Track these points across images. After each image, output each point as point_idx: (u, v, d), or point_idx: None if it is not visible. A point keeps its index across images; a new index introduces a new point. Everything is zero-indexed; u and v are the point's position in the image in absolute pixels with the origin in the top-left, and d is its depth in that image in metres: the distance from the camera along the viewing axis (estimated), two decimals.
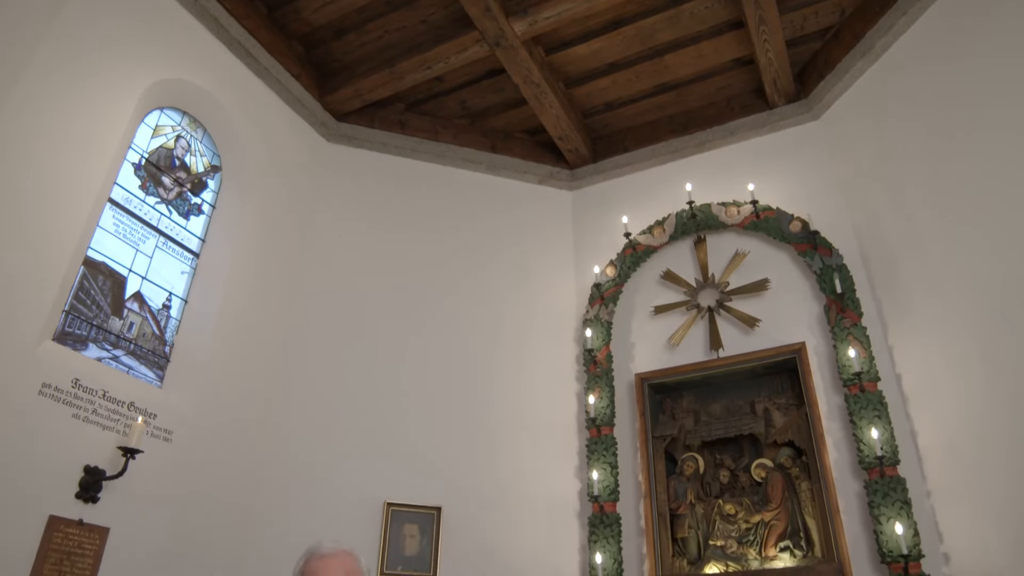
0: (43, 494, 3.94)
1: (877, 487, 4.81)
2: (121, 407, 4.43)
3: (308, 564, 1.88)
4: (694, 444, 5.81)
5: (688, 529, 5.54)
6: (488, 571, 5.53)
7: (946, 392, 4.79)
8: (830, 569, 4.85)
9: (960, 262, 4.81)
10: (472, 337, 6.41)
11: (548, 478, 6.02)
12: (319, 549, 1.90)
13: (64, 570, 3.95)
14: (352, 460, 5.65)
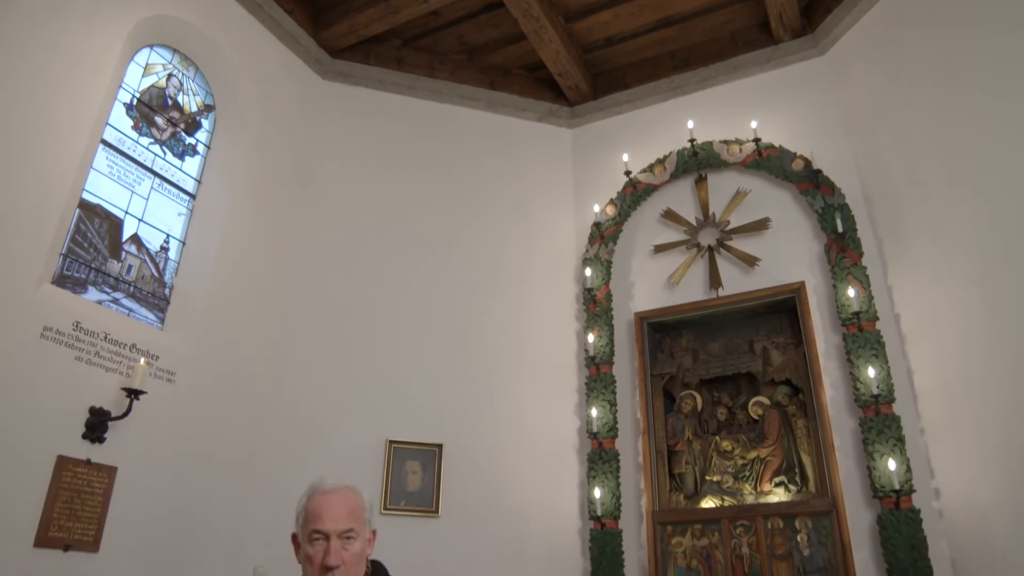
0: (50, 435, 4.00)
1: (872, 424, 4.88)
2: (123, 349, 4.46)
3: (311, 500, 1.91)
4: (692, 382, 5.87)
5: (685, 465, 5.64)
6: (489, 506, 5.66)
7: (944, 332, 4.81)
8: (823, 503, 4.96)
9: (963, 204, 4.77)
10: (472, 276, 6.41)
11: (548, 415, 6.11)
12: (322, 485, 1.93)
13: (75, 508, 4.03)
14: (354, 398, 5.71)
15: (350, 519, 1.88)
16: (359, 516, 1.91)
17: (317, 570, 1.82)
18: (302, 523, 1.90)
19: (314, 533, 1.85)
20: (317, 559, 1.82)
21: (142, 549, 4.38)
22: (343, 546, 1.84)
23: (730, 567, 5.08)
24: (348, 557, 1.84)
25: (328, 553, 1.82)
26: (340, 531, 1.85)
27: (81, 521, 4.06)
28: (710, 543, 5.21)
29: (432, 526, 5.52)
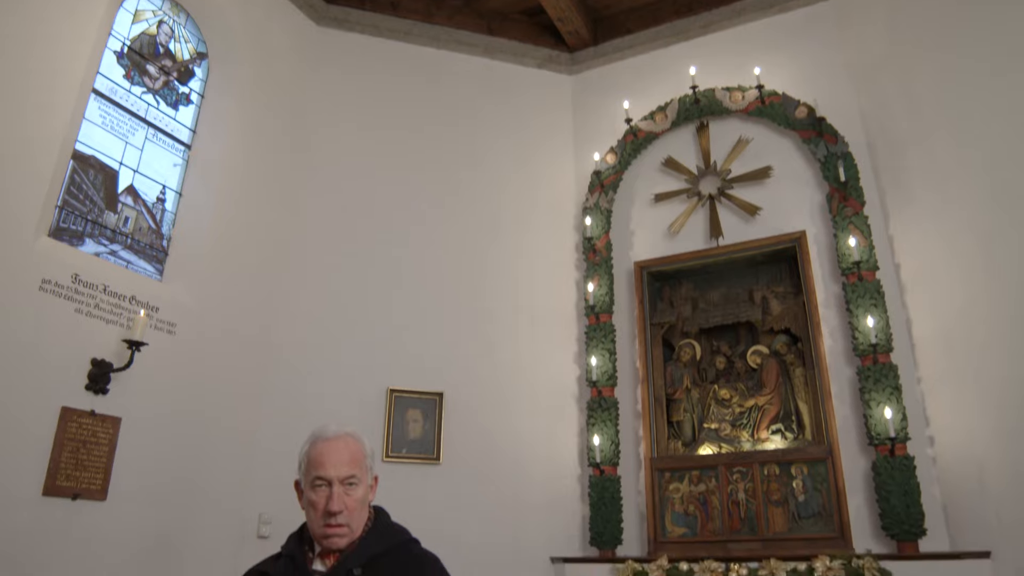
0: (54, 387, 4.03)
1: (869, 373, 4.92)
2: (122, 301, 4.46)
3: (313, 447, 1.92)
4: (692, 331, 5.90)
5: (683, 413, 5.71)
6: (490, 453, 5.74)
7: (943, 282, 4.81)
8: (819, 450, 5.02)
9: (967, 155, 4.72)
10: (471, 225, 6.38)
11: (548, 364, 6.15)
12: (324, 432, 1.94)
13: (81, 458, 4.09)
14: (355, 348, 5.74)
15: (352, 465, 1.90)
16: (361, 462, 1.93)
17: (320, 515, 1.84)
18: (304, 470, 1.92)
19: (317, 480, 1.87)
20: (320, 505, 1.85)
21: (149, 497, 4.45)
22: (345, 492, 1.86)
23: (726, 512, 5.17)
24: (351, 503, 1.86)
25: (331, 499, 1.84)
26: (342, 477, 1.87)
27: (88, 470, 4.12)
28: (707, 489, 5.30)
29: (433, 473, 5.61)
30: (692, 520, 5.28)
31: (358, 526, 1.90)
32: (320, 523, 1.85)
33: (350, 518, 1.86)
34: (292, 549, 1.90)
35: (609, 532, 5.43)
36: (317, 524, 1.86)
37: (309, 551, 1.89)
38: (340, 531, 1.84)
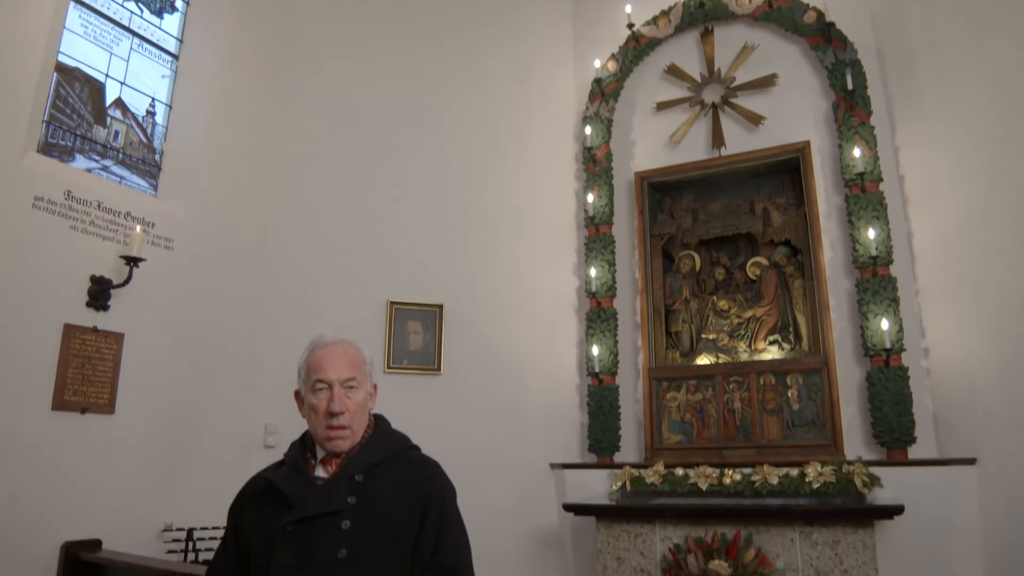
0: (55, 304, 4.06)
1: (868, 285, 4.93)
2: (118, 217, 4.42)
3: (312, 354, 1.93)
4: (691, 242, 5.87)
5: (682, 324, 5.75)
6: (490, 363, 5.82)
7: (947, 196, 4.75)
8: (815, 361, 5.09)
9: (981, 63, 4.57)
10: (471, 137, 6.25)
11: (547, 275, 6.16)
12: (321, 339, 1.95)
13: (87, 373, 4.15)
14: (354, 260, 5.74)
15: (351, 368, 1.91)
16: (360, 366, 1.95)
17: (322, 417, 1.87)
18: (304, 376, 1.94)
19: (317, 383, 1.88)
20: (321, 407, 1.87)
21: (156, 410, 4.55)
22: (346, 394, 1.88)
23: (722, 420, 5.29)
24: (351, 405, 1.88)
25: (332, 400, 1.86)
26: (342, 379, 1.88)
27: (95, 385, 4.19)
28: (704, 398, 5.41)
29: (434, 384, 5.71)
30: (688, 428, 5.41)
31: (359, 429, 1.92)
32: (322, 425, 1.87)
33: (352, 420, 1.88)
34: (294, 456, 1.93)
35: (607, 439, 5.57)
36: (319, 427, 1.88)
37: (311, 458, 1.92)
38: (342, 433, 1.87)
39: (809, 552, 4.10)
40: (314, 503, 1.79)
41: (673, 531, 4.41)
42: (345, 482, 1.83)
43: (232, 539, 1.92)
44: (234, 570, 1.88)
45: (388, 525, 1.81)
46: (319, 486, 1.84)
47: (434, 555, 1.82)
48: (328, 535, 1.76)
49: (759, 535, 4.20)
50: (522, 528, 5.57)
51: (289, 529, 1.77)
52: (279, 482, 1.86)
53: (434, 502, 1.87)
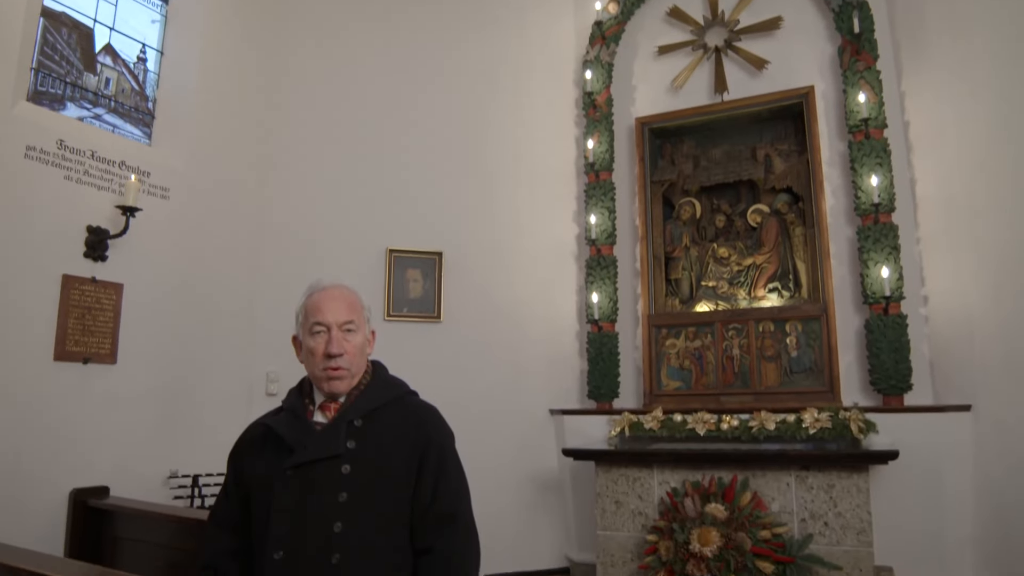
0: (52, 255, 4.04)
1: (869, 233, 4.90)
2: (112, 167, 4.37)
3: (310, 298, 1.94)
4: (692, 189, 5.82)
5: (682, 271, 5.74)
6: (490, 311, 5.84)
7: (952, 142, 4.69)
8: (814, 308, 5.10)
9: (988, 12, 4.46)
10: (469, 83, 6.14)
11: (547, 222, 6.13)
12: (319, 284, 1.96)
13: (87, 324, 4.16)
14: (353, 208, 5.70)
15: (349, 312, 1.92)
16: (358, 310, 1.96)
17: (320, 359, 1.88)
18: (302, 321, 1.94)
19: (315, 326, 1.89)
20: (319, 349, 1.88)
21: (158, 359, 4.58)
22: (344, 337, 1.89)
23: (720, 367, 5.33)
24: (349, 347, 1.89)
25: (330, 342, 1.87)
26: (340, 322, 1.89)
27: (96, 336, 4.20)
28: (703, 345, 5.43)
29: (434, 331, 5.73)
30: (687, 374, 5.45)
31: (357, 372, 1.94)
32: (320, 366, 1.88)
33: (350, 362, 1.89)
34: (292, 403, 1.94)
35: (607, 386, 5.62)
36: (317, 368, 1.89)
37: (309, 404, 1.94)
38: (340, 373, 1.88)
39: (804, 496, 4.17)
40: (314, 448, 1.81)
41: (671, 475, 4.48)
42: (344, 427, 1.85)
43: (233, 484, 1.95)
44: (236, 515, 1.92)
45: (387, 469, 1.83)
46: (318, 431, 1.86)
47: (433, 499, 1.85)
48: (328, 479, 1.79)
49: (755, 479, 4.27)
50: (522, 473, 5.66)
51: (289, 474, 1.79)
52: (278, 427, 1.88)
53: (433, 447, 1.89)
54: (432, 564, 1.82)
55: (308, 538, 1.75)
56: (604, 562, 4.56)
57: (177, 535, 3.64)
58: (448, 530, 1.85)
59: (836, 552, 4.02)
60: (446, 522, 1.85)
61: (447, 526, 1.85)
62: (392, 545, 1.81)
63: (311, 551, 1.74)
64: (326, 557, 1.73)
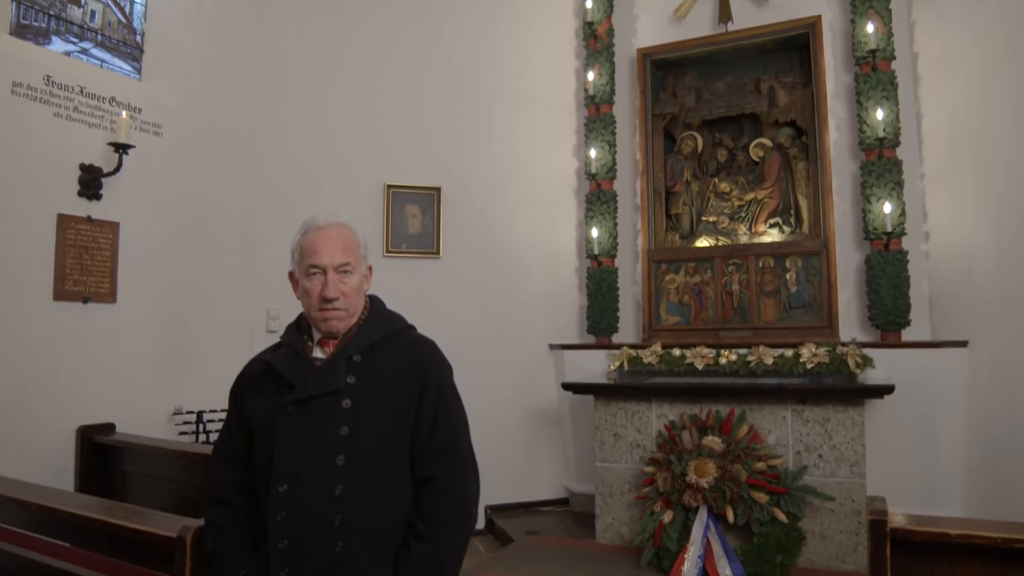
0: (46, 194, 3.98)
1: (873, 168, 4.85)
2: (102, 103, 4.27)
3: (305, 236, 1.92)
4: (694, 123, 5.72)
5: (682, 206, 5.70)
6: (489, 246, 5.82)
7: (961, 75, 4.57)
8: (815, 244, 5.08)
9: None
10: (467, 14, 5.94)
11: (546, 157, 6.06)
12: (315, 221, 1.93)
13: (85, 263, 4.14)
14: (349, 144, 5.60)
15: (346, 253, 1.90)
16: (354, 251, 1.94)
17: (316, 302, 1.88)
18: (298, 259, 1.93)
19: (311, 268, 1.88)
20: (315, 292, 1.87)
21: (157, 298, 4.57)
22: (340, 279, 1.88)
23: (719, 302, 5.35)
24: (346, 289, 1.89)
25: (326, 286, 1.86)
26: (336, 265, 1.88)
27: (94, 275, 4.19)
28: (702, 280, 5.44)
29: (434, 267, 5.72)
30: (686, 309, 5.47)
31: (355, 312, 1.94)
32: (316, 307, 1.88)
33: (347, 303, 1.89)
34: (291, 338, 1.95)
35: (606, 321, 5.65)
36: (313, 309, 1.89)
37: (308, 340, 1.94)
38: (337, 314, 1.88)
39: (800, 429, 4.24)
40: (314, 383, 1.83)
41: (669, 409, 4.54)
42: (343, 362, 1.86)
43: (235, 420, 1.97)
44: (240, 449, 1.95)
45: (387, 403, 1.86)
46: (318, 367, 1.87)
47: (433, 431, 1.88)
48: (329, 414, 1.81)
49: (752, 413, 4.33)
50: (522, 407, 5.75)
51: (290, 409, 1.81)
52: (278, 364, 1.89)
53: (432, 380, 1.91)
54: (432, 493, 1.86)
55: (311, 471, 1.78)
56: (603, 492, 4.67)
57: (184, 470, 3.72)
58: (448, 460, 1.88)
59: (829, 483, 4.12)
60: (446, 453, 1.88)
61: (447, 456, 1.88)
62: (393, 476, 1.85)
63: (314, 484, 1.77)
64: (329, 489, 1.77)
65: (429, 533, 1.82)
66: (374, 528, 1.80)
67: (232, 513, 1.93)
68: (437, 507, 1.85)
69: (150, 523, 2.42)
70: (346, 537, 1.76)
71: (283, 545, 1.76)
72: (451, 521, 1.86)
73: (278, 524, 1.77)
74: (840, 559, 4.06)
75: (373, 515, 1.80)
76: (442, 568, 1.84)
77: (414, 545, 1.81)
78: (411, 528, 1.84)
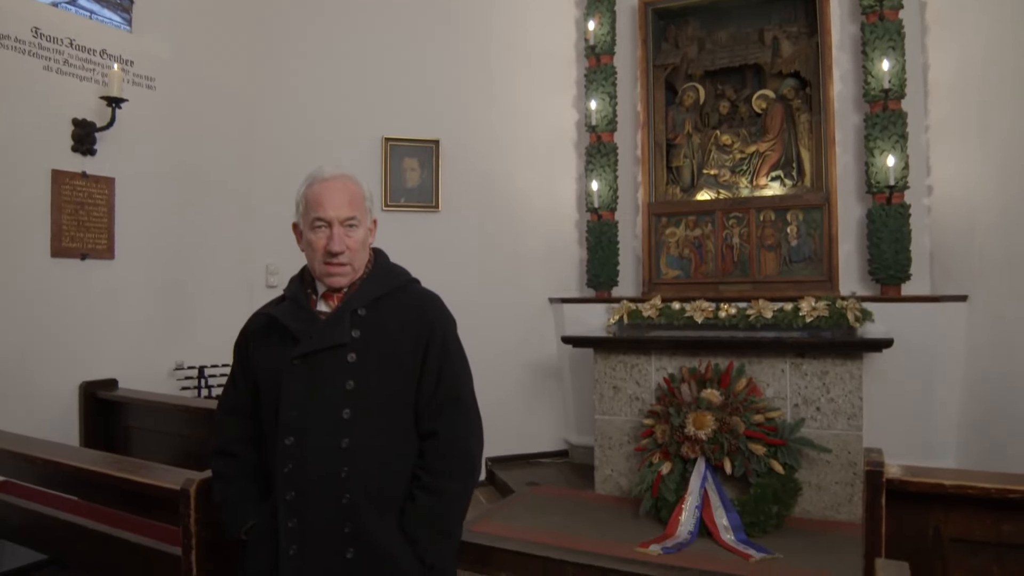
0: (39, 150, 3.93)
1: (877, 120, 4.78)
2: (93, 55, 4.19)
3: (311, 188, 1.89)
4: (696, 74, 5.62)
5: (683, 159, 5.64)
6: (489, 200, 5.78)
7: (971, 25, 4.46)
8: (817, 197, 5.05)
9: None
10: None
11: (546, 109, 5.98)
12: (320, 173, 1.91)
13: (82, 219, 4.11)
14: (346, 96, 5.51)
15: (351, 207, 1.88)
16: (360, 204, 1.92)
17: (320, 256, 1.87)
18: (303, 212, 1.91)
19: (316, 221, 1.86)
20: (320, 245, 1.86)
21: (156, 254, 4.56)
22: (346, 233, 1.87)
23: (720, 256, 5.34)
24: (351, 243, 1.88)
25: (331, 240, 1.85)
26: (342, 218, 1.86)
27: (91, 231, 4.17)
28: (703, 234, 5.41)
29: (433, 221, 5.69)
30: (686, 263, 5.46)
31: (360, 266, 1.93)
32: (321, 261, 1.87)
33: (352, 258, 1.89)
34: (295, 292, 1.94)
35: (605, 275, 5.65)
36: (318, 263, 1.88)
37: (312, 293, 1.94)
38: (342, 269, 1.88)
39: (798, 382, 4.28)
40: (319, 337, 1.83)
41: (668, 362, 4.57)
42: (348, 316, 1.86)
43: (240, 373, 1.98)
44: (246, 402, 1.96)
45: (393, 356, 1.86)
46: (323, 320, 1.87)
47: (438, 384, 1.89)
48: (335, 368, 1.82)
49: (751, 366, 4.36)
50: (521, 361, 5.78)
51: (296, 363, 1.82)
52: (282, 317, 1.88)
53: (437, 334, 1.92)
54: (438, 445, 1.88)
55: (317, 425, 1.79)
56: (602, 444, 4.73)
57: (187, 424, 3.76)
58: (452, 413, 1.90)
59: (826, 435, 4.16)
60: (450, 406, 1.90)
61: (451, 409, 1.90)
62: (398, 429, 1.87)
63: (321, 437, 1.79)
64: (335, 442, 1.79)
65: (434, 485, 1.84)
66: (380, 480, 1.82)
67: (238, 465, 1.95)
68: (442, 459, 1.87)
69: (155, 476, 2.46)
70: (352, 489, 1.78)
71: (290, 496, 1.79)
72: (456, 473, 1.88)
73: (285, 476, 1.79)
74: (835, 509, 4.13)
75: (379, 467, 1.82)
76: (447, 519, 1.87)
77: (419, 496, 1.84)
78: (416, 480, 1.86)
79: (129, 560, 2.61)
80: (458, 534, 1.93)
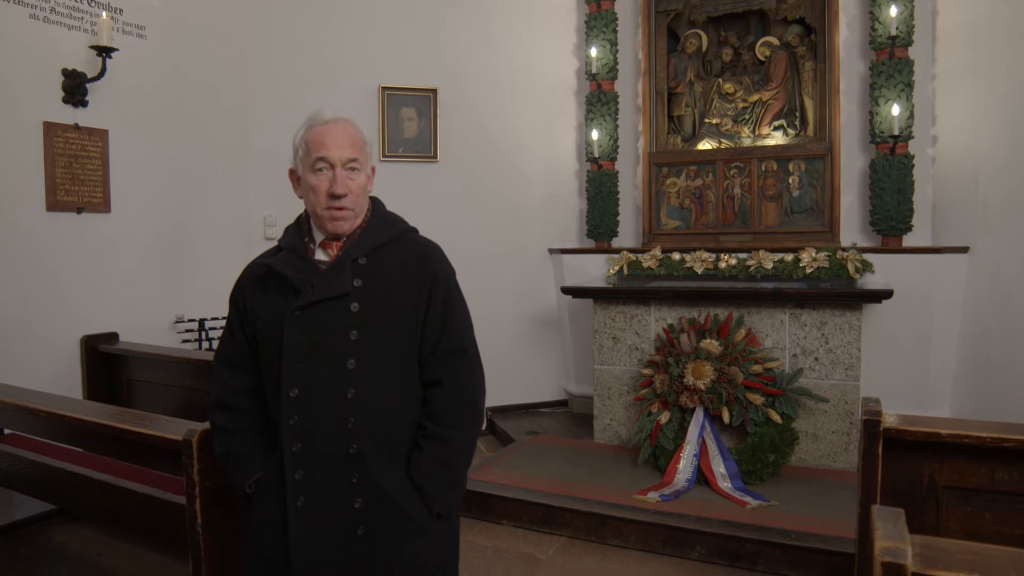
0: (29, 102, 3.86)
1: (883, 69, 4.69)
2: (80, 3, 4.08)
3: (311, 130, 1.84)
4: (699, 20, 5.50)
5: (685, 107, 5.56)
6: (488, 149, 5.72)
7: None
8: (819, 147, 4.99)
9: None
10: None
11: (545, 56, 5.87)
12: (320, 116, 1.85)
13: (76, 172, 4.07)
14: (342, 43, 5.41)
15: (353, 149, 1.84)
16: (361, 147, 1.87)
17: (323, 198, 1.82)
18: (303, 155, 1.86)
19: (318, 162, 1.81)
20: (323, 187, 1.82)
21: (152, 206, 4.52)
22: (348, 176, 1.83)
23: (721, 207, 5.30)
24: (353, 187, 1.84)
25: (335, 181, 1.81)
26: (345, 160, 1.82)
27: (86, 185, 4.12)
28: (703, 184, 5.37)
29: (431, 171, 5.64)
30: (687, 213, 5.43)
31: (361, 212, 1.91)
32: (323, 205, 1.83)
33: (354, 202, 1.85)
34: (292, 241, 1.91)
35: (605, 225, 5.62)
36: (320, 207, 1.84)
37: (310, 242, 1.91)
38: (344, 214, 1.85)
39: (797, 332, 4.29)
40: (320, 287, 1.80)
41: (667, 312, 4.59)
42: (349, 265, 1.83)
43: (238, 324, 1.94)
44: (244, 353, 1.94)
45: (395, 306, 1.84)
46: (323, 270, 1.84)
47: (442, 334, 1.88)
48: (338, 318, 1.80)
49: (750, 316, 4.37)
50: (521, 311, 5.80)
51: (298, 314, 1.79)
52: (280, 267, 1.85)
53: (440, 283, 1.90)
54: (443, 395, 1.88)
55: (322, 375, 1.78)
56: (601, 394, 4.77)
57: (189, 376, 3.79)
58: (457, 362, 1.89)
59: (824, 386, 4.20)
60: (455, 355, 1.89)
61: (456, 358, 1.89)
62: (403, 378, 1.86)
63: (326, 388, 1.78)
64: (341, 392, 1.78)
65: (440, 434, 1.85)
66: (386, 430, 1.83)
67: (240, 418, 1.93)
68: (447, 408, 1.87)
69: (157, 427, 2.49)
70: (359, 439, 1.78)
71: (296, 448, 1.78)
72: (461, 422, 1.89)
73: (291, 428, 1.78)
74: (831, 458, 4.18)
75: (385, 417, 1.82)
76: (453, 467, 1.88)
77: (425, 446, 1.84)
78: (422, 429, 1.87)
79: (135, 510, 2.66)
80: (464, 482, 1.94)
